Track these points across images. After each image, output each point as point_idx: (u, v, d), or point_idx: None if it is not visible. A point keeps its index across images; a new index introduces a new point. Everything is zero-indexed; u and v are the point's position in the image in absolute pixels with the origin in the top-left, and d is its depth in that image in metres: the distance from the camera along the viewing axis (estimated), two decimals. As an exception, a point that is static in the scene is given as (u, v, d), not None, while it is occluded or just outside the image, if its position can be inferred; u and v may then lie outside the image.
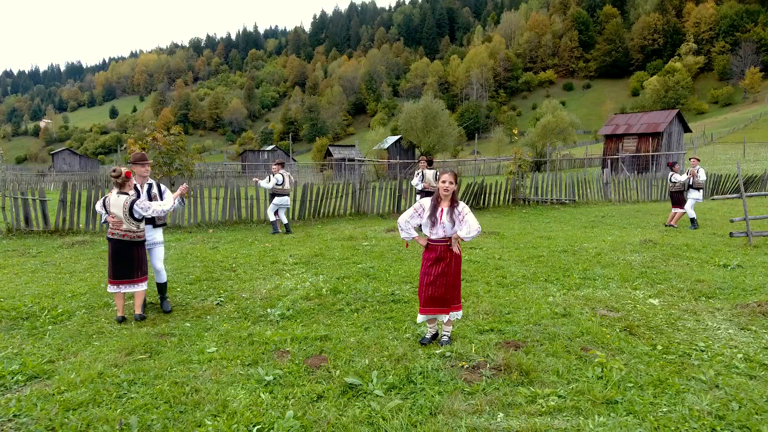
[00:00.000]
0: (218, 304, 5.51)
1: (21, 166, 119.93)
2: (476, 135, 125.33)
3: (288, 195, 10.72)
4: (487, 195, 14.99)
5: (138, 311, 4.93)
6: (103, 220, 4.91)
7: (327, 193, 12.97)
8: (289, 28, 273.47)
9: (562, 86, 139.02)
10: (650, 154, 32.24)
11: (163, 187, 5.22)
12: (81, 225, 11.03)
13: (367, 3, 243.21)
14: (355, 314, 5.04)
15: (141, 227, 4.92)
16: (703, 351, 3.89)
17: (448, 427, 2.79)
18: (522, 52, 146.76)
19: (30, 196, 10.65)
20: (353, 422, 2.85)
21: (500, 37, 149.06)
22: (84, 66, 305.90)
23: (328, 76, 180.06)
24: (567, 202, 16.14)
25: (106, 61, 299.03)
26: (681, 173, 11.42)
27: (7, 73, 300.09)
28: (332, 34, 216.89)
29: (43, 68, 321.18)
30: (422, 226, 4.09)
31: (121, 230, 4.81)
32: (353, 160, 46.75)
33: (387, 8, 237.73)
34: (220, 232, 11.10)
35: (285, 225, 10.79)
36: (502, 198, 15.30)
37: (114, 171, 4.80)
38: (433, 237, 4.03)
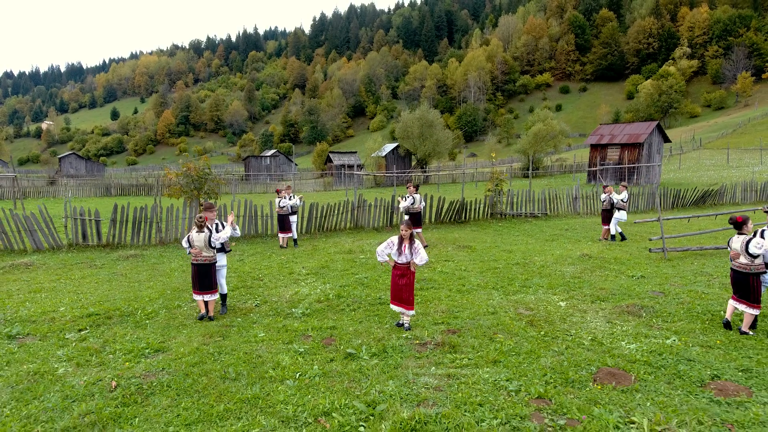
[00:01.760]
0: (256, 305, 7.81)
1: (26, 168, 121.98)
2: (473, 138, 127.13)
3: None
4: (467, 210, 17.31)
5: (211, 314, 7.18)
6: (188, 252, 7.18)
7: (329, 211, 15.26)
8: (289, 29, 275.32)
9: (558, 89, 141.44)
10: (626, 166, 34.56)
11: (223, 224, 7.49)
12: (127, 239, 13.32)
13: (366, 5, 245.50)
14: (353, 312, 7.34)
15: (214, 253, 7.21)
16: (570, 336, 6.19)
17: (403, 374, 5.09)
18: (519, 55, 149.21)
19: (87, 216, 12.91)
20: (351, 371, 5.16)
21: (498, 40, 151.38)
22: (84, 67, 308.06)
23: (327, 78, 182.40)
24: (539, 215, 18.46)
25: (107, 62, 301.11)
26: (618, 193, 13.86)
27: (8, 74, 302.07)
28: (332, 36, 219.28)
29: (43, 69, 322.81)
30: (392, 254, 6.38)
31: (202, 257, 7.09)
32: (352, 166, 49.09)
33: (386, 10, 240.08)
34: (241, 245, 13.40)
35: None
36: (481, 213, 17.62)
37: (199, 218, 7.07)
38: (399, 261, 6.34)
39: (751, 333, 6.20)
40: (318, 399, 4.51)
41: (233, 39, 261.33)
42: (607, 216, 13.82)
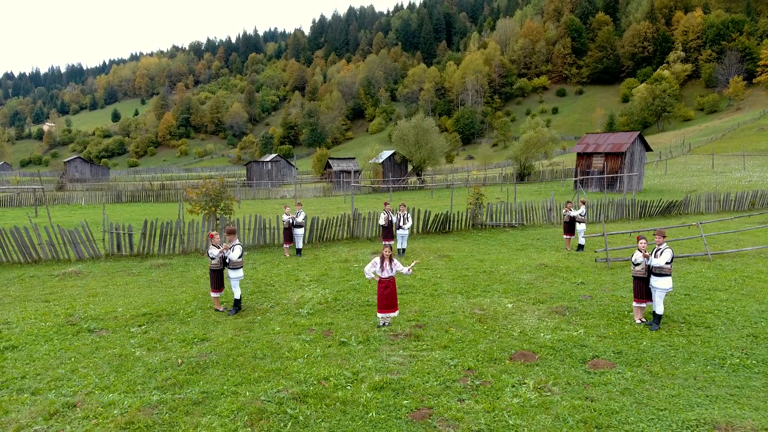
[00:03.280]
0: (271, 307, 9.98)
1: (30, 171, 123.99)
2: (470, 140, 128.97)
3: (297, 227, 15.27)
4: (451, 222, 19.49)
5: (220, 309, 9.47)
6: None
7: (329, 223, 17.42)
8: (289, 30, 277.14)
9: (555, 92, 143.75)
10: (605, 176, 36.79)
11: (236, 246, 9.60)
12: (155, 250, 15.49)
13: (366, 8, 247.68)
14: (347, 312, 9.52)
15: (213, 262, 9.46)
16: (506, 329, 8.36)
17: (379, 355, 7.25)
18: (516, 58, 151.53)
19: (122, 230, 15.07)
20: (343, 353, 7.33)
21: (495, 43, 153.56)
22: (84, 68, 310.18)
23: (327, 80, 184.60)
24: (516, 225, 20.64)
25: (107, 63, 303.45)
26: (577, 208, 16.08)
27: (8, 75, 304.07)
28: (331, 39, 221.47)
29: (43, 70, 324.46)
30: (376, 272, 8.53)
31: (210, 263, 9.40)
32: (351, 172, 51.26)
33: (385, 12, 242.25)
34: (253, 254, 15.57)
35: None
36: (463, 224, 19.80)
37: (211, 236, 9.35)
38: (383, 276, 8.50)
39: (637, 322, 8.47)
40: (320, 370, 6.70)
41: (233, 40, 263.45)
42: (568, 228, 16.03)
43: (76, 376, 6.69)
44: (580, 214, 15.72)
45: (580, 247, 15.81)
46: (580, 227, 15.82)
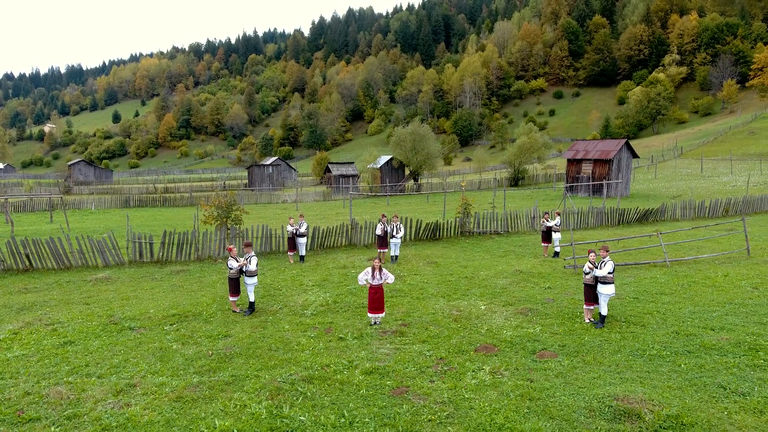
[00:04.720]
0: (280, 309, 11.72)
1: (35, 173, 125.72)
2: (468, 142, 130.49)
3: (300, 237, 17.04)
4: (441, 230, 21.24)
5: (237, 310, 11.19)
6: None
7: (329, 232, 19.15)
8: (288, 31, 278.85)
9: (552, 94, 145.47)
10: (592, 183, 38.53)
11: (252, 258, 11.34)
12: (173, 257, 17.21)
13: (365, 9, 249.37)
14: (344, 313, 11.25)
15: (232, 272, 11.16)
16: (476, 327, 10.10)
17: (370, 348, 9.00)
18: (514, 60, 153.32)
19: (144, 240, 16.80)
20: (341, 347, 9.08)
21: (493, 45, 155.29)
22: (84, 69, 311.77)
23: (326, 82, 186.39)
24: (502, 232, 22.38)
25: (107, 64, 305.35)
26: (552, 219, 17.83)
27: (8, 76, 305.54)
28: (330, 40, 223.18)
29: (43, 71, 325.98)
30: (368, 279, 10.28)
31: (229, 272, 11.10)
32: (349, 177, 53.00)
33: (384, 14, 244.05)
34: (261, 261, 17.25)
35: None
36: (453, 232, 21.54)
37: (230, 250, 11.07)
38: (373, 284, 10.25)
39: (586, 321, 10.17)
40: (323, 359, 8.44)
41: (233, 41, 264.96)
42: (545, 236, 17.77)
43: (129, 364, 8.42)
44: (555, 224, 17.46)
45: (556, 254, 17.54)
46: (555, 236, 17.56)
